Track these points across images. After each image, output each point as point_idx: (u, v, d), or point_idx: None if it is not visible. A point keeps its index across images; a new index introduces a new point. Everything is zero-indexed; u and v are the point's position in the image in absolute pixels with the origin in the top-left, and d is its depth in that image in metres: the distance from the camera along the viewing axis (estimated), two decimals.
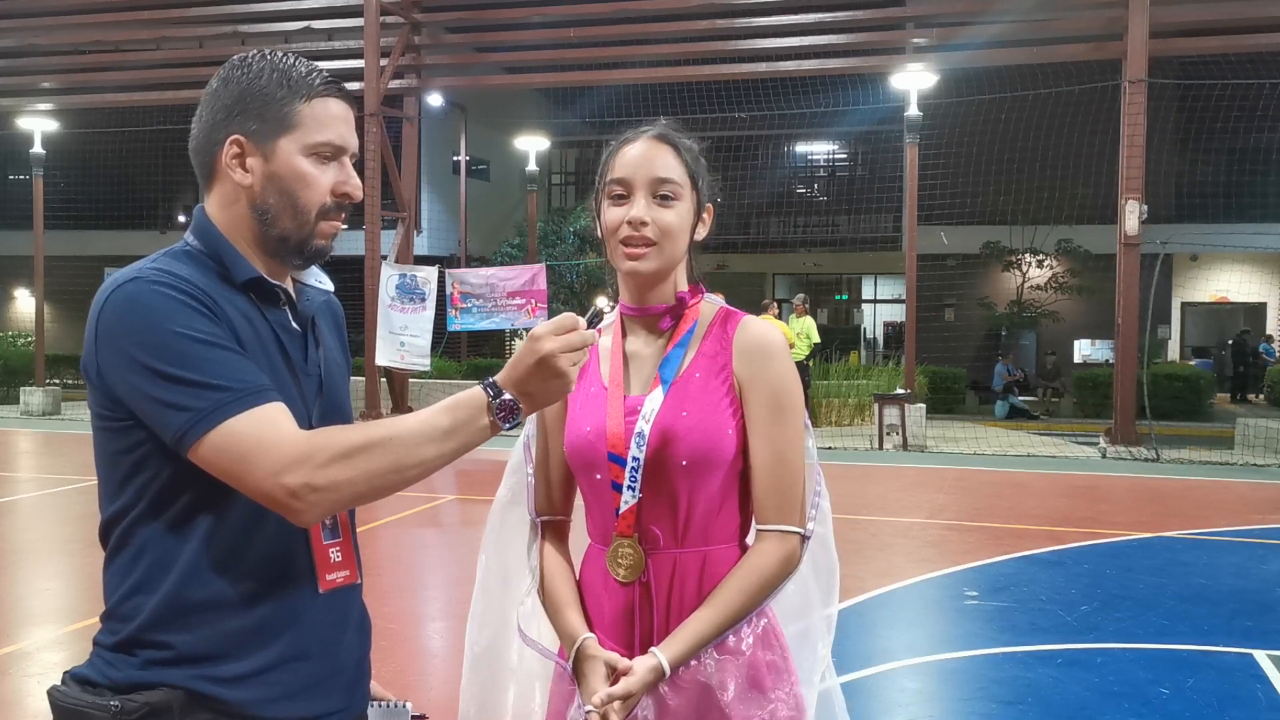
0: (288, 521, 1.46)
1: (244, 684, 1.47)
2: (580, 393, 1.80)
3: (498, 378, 1.48)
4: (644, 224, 1.69)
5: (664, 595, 1.71)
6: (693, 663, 1.66)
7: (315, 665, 1.53)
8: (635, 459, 1.69)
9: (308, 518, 1.41)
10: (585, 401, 1.78)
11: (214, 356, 1.41)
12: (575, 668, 1.71)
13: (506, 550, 1.88)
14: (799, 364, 14.50)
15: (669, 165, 1.72)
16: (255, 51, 1.56)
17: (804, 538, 1.73)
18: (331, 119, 1.54)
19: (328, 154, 1.54)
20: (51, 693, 1.51)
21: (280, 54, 1.56)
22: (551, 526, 1.85)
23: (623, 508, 1.71)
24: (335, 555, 1.57)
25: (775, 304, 15.88)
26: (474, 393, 1.47)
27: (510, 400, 1.46)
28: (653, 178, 1.71)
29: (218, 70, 1.57)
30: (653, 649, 1.66)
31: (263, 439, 1.38)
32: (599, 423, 1.74)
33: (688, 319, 1.77)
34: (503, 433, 1.50)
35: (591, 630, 1.75)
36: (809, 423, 1.79)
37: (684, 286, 1.79)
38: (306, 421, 1.53)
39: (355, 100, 1.64)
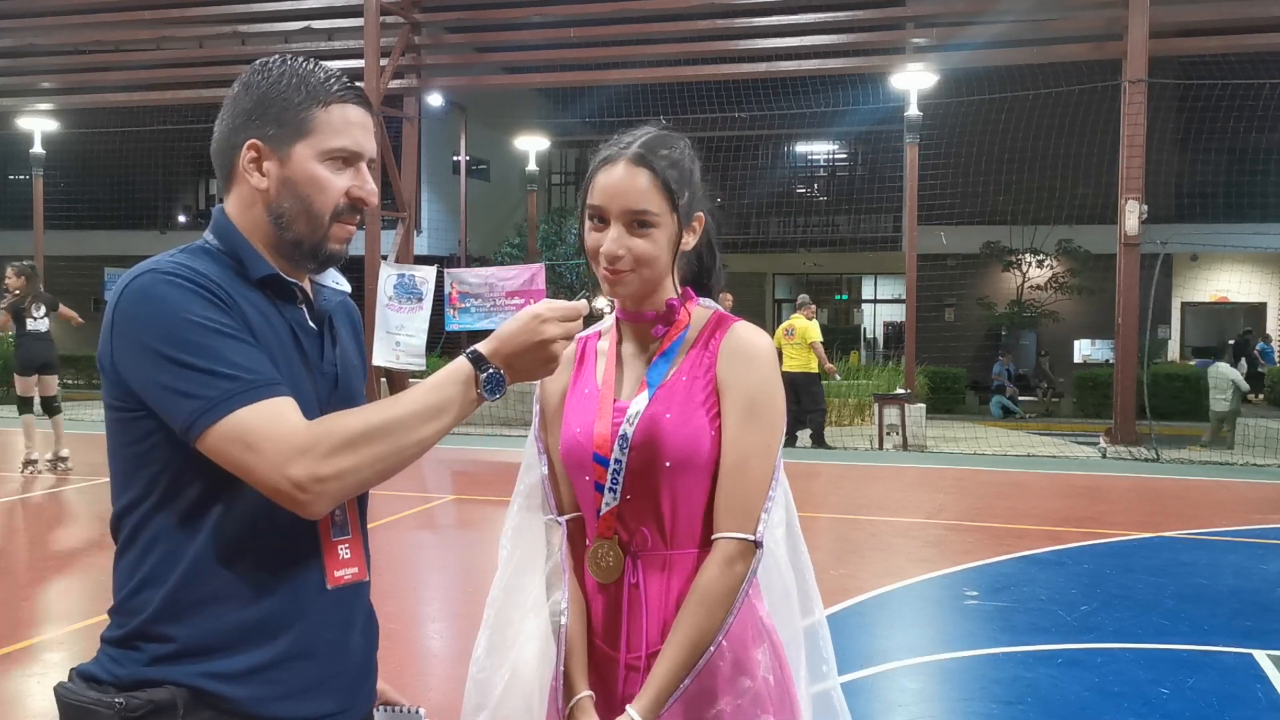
0: (296, 516, 1.46)
1: (247, 681, 1.47)
2: (575, 394, 1.80)
3: (483, 349, 1.49)
4: (619, 257, 1.68)
5: (658, 597, 1.70)
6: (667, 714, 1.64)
7: (320, 664, 1.54)
8: (617, 460, 1.69)
9: (316, 508, 1.42)
10: (579, 403, 1.78)
11: (226, 346, 1.42)
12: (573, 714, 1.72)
13: (529, 541, 1.86)
14: (812, 375, 13.00)
15: (644, 195, 1.68)
16: (277, 57, 1.58)
17: (756, 544, 1.67)
18: (348, 125, 1.55)
19: (343, 159, 1.55)
20: (57, 689, 1.52)
21: (302, 60, 1.57)
22: (575, 525, 1.82)
23: (603, 509, 1.71)
24: (344, 552, 1.57)
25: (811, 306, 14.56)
26: (460, 366, 1.48)
27: (497, 373, 1.49)
28: (626, 209, 1.68)
29: (241, 73, 1.60)
30: (628, 708, 1.64)
31: (270, 430, 1.39)
32: (588, 424, 1.74)
33: (679, 325, 1.77)
34: (486, 401, 1.51)
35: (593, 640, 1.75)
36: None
37: (674, 293, 1.77)
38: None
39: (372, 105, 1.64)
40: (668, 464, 1.67)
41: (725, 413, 1.70)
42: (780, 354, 12.23)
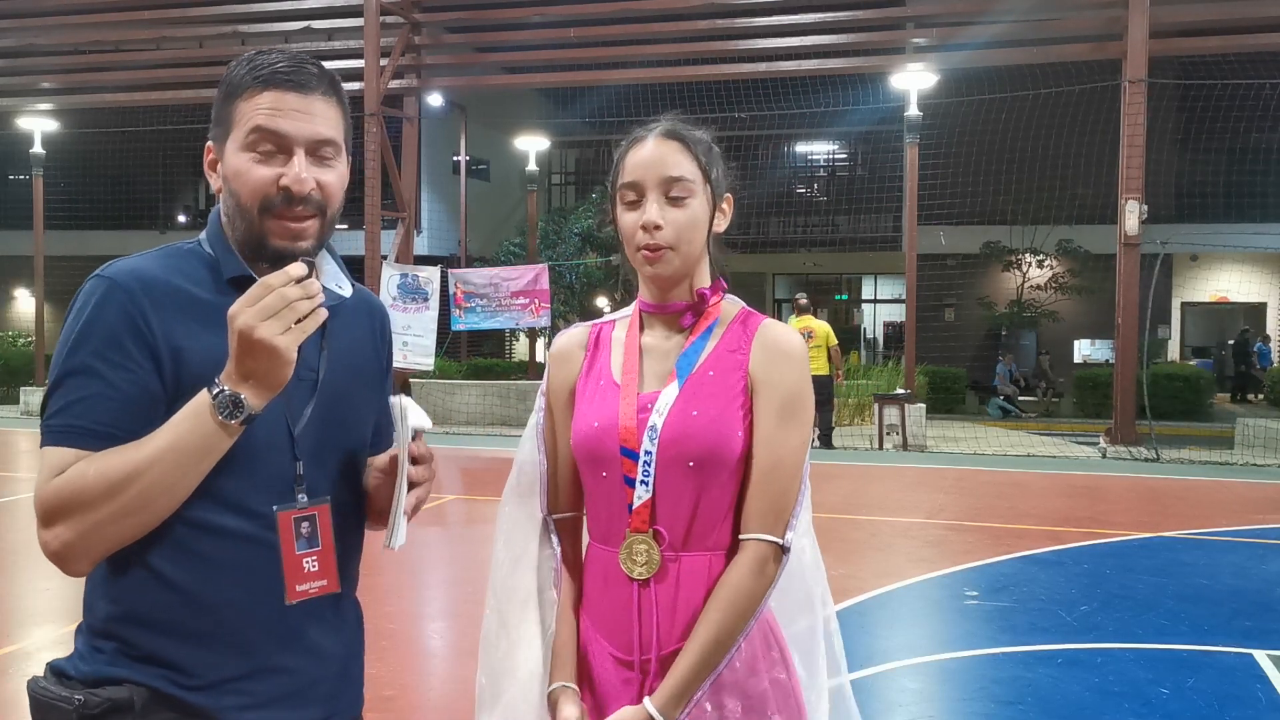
0: (256, 527, 1.47)
1: (209, 691, 1.46)
2: (588, 385, 1.76)
3: (221, 375, 1.42)
4: (658, 227, 1.66)
5: (670, 599, 1.66)
6: (690, 713, 1.62)
7: (289, 677, 1.52)
8: (648, 452, 1.65)
9: (77, 569, 1.44)
10: (594, 395, 1.73)
11: (84, 383, 1.43)
12: (550, 701, 1.71)
13: (524, 535, 1.83)
14: (826, 379, 12.64)
15: (679, 163, 1.68)
16: (244, 55, 1.56)
17: (783, 549, 1.65)
18: (257, 110, 1.49)
19: (264, 145, 1.49)
20: (29, 684, 1.51)
21: (249, 56, 1.54)
22: (565, 525, 1.80)
23: (636, 503, 1.66)
24: (310, 565, 1.53)
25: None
26: (197, 398, 1.41)
27: (227, 393, 1.39)
28: (663, 178, 1.67)
29: None
30: (645, 700, 1.62)
31: (40, 481, 1.42)
32: (609, 416, 1.69)
33: (709, 316, 1.73)
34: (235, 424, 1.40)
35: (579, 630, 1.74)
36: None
37: (705, 283, 1.75)
38: (285, 428, 1.51)
39: (313, 87, 1.51)
40: (691, 463, 1.64)
41: (759, 410, 1.66)
42: None
